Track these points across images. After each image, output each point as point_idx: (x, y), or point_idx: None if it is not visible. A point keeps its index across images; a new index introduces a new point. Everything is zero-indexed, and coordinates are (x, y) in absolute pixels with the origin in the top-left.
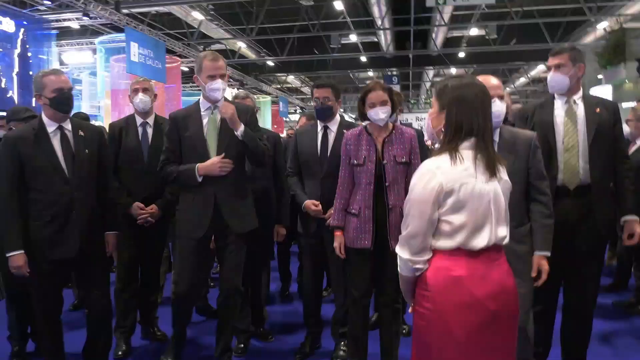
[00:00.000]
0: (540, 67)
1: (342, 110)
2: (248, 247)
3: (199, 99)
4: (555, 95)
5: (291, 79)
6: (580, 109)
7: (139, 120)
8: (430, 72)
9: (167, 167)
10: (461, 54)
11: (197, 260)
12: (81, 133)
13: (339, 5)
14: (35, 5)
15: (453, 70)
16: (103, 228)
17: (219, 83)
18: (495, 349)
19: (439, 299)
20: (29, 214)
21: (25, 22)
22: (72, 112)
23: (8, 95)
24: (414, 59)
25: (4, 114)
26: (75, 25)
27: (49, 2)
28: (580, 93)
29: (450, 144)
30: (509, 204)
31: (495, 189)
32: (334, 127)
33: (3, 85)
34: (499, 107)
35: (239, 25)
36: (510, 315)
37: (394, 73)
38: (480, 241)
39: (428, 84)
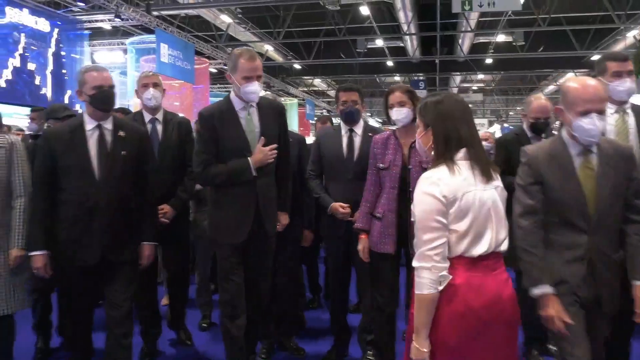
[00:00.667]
0: (569, 75)
1: (369, 115)
2: (275, 252)
3: (229, 96)
4: None
5: (317, 82)
6: (631, 119)
7: (147, 116)
8: (457, 78)
9: (210, 169)
10: (488, 60)
11: (239, 266)
12: (121, 133)
13: (364, 10)
14: (69, 6)
15: (480, 76)
16: (136, 235)
17: (255, 86)
18: (489, 355)
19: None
20: (58, 214)
21: (59, 23)
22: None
23: (42, 92)
24: (440, 65)
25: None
26: (107, 26)
27: (83, 4)
28: (630, 102)
29: (444, 157)
30: (613, 227)
31: (493, 195)
32: (359, 130)
33: (37, 83)
34: (598, 124)
35: (266, 28)
36: (505, 325)
37: (421, 78)
38: (481, 248)
39: (455, 90)
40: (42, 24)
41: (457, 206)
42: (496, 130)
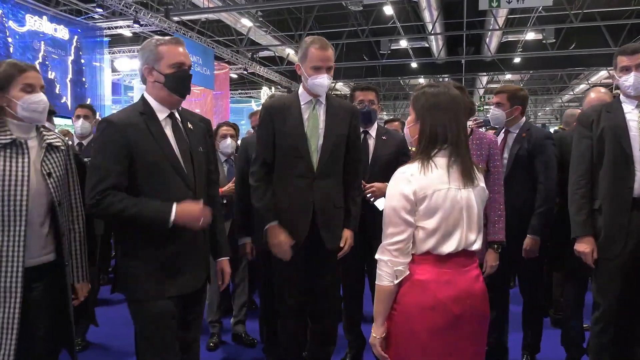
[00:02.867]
0: (602, 73)
1: (391, 117)
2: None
3: (298, 90)
4: (623, 98)
5: (340, 85)
6: None
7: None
8: (484, 78)
9: (257, 172)
10: (516, 59)
11: (298, 273)
12: (190, 126)
13: (388, 10)
14: (89, 13)
15: (508, 76)
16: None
17: (324, 78)
18: (460, 350)
19: (403, 301)
20: (139, 231)
21: (79, 30)
22: None
23: (62, 101)
24: (466, 65)
25: None
26: (126, 32)
27: (102, 10)
28: None
29: (423, 153)
30: None
31: (469, 196)
32: (373, 132)
33: (57, 92)
34: None
35: (288, 31)
36: (476, 320)
37: (446, 79)
38: (449, 246)
39: (482, 91)
40: (62, 32)
41: (426, 203)
42: None
